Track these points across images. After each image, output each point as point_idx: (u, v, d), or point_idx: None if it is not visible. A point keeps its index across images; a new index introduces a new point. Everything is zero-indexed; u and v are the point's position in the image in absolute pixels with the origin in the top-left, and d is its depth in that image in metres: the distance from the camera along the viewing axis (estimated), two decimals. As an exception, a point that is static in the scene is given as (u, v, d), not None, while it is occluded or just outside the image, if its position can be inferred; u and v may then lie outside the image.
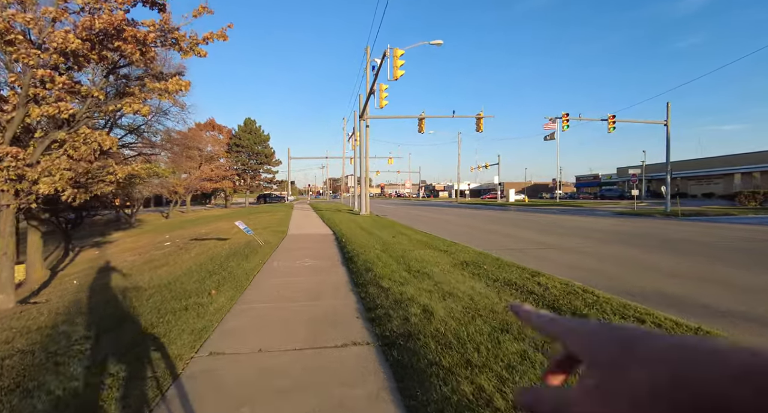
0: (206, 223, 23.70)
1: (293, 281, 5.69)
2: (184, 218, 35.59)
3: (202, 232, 17.04)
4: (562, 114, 22.49)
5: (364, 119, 21.21)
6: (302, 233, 12.50)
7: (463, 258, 6.91)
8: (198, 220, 29.11)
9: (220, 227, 18.36)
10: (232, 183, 44.97)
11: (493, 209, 30.61)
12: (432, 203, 55.39)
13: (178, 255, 10.05)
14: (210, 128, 45.78)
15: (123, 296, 5.33)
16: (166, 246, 14.42)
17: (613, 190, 54.17)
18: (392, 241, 9.41)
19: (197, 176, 40.42)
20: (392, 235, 10.82)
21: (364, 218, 18.75)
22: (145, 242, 19.13)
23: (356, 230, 12.33)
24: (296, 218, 20.04)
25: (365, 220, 17.21)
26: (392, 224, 14.76)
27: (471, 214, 24.25)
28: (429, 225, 16.00)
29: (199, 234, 16.30)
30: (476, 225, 16.03)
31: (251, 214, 24.73)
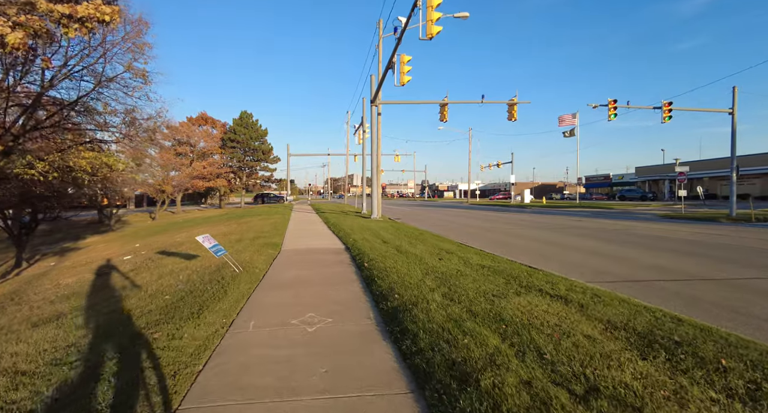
0: (190, 227, 20.35)
1: (280, 405, 2.29)
2: (171, 219, 32.21)
3: (177, 240, 13.67)
4: (609, 101, 19.07)
5: (376, 105, 17.80)
6: (303, 248, 9.10)
7: (621, 320, 3.51)
8: (184, 223, 25.74)
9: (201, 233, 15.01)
10: (227, 182, 41.56)
11: (515, 212, 27.19)
12: (440, 203, 51.97)
13: (106, 290, 6.63)
14: (202, 121, 42.40)
15: None
16: (124, 260, 11.04)
17: (634, 191, 50.79)
18: (444, 268, 6.00)
19: (188, 173, 37.03)
20: (434, 253, 7.42)
21: (378, 223, 15.35)
22: (112, 251, 15.74)
23: (377, 244, 8.94)
24: (295, 222, 16.64)
25: (382, 226, 13.81)
26: (420, 234, 11.35)
27: (497, 217, 20.84)
28: (463, 234, 12.60)
29: (173, 243, 12.93)
30: (521, 233, 12.64)
31: (243, 217, 21.36)
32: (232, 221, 19.00)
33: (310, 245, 9.65)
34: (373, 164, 18.07)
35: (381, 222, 15.93)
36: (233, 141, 40.31)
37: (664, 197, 50.97)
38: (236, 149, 40.65)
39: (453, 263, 6.36)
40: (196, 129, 41.01)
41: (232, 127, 40.76)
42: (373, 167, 18.07)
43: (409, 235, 10.88)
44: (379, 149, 18.10)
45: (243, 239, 10.56)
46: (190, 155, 39.92)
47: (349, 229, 12.57)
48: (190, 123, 42.28)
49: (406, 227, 13.99)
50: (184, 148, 38.88)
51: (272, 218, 18.74)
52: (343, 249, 8.91)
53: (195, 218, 29.02)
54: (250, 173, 42.90)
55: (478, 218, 20.10)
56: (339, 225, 14.04)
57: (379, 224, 14.94)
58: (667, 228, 13.92)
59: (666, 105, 18.71)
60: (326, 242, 10.02)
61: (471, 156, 48.24)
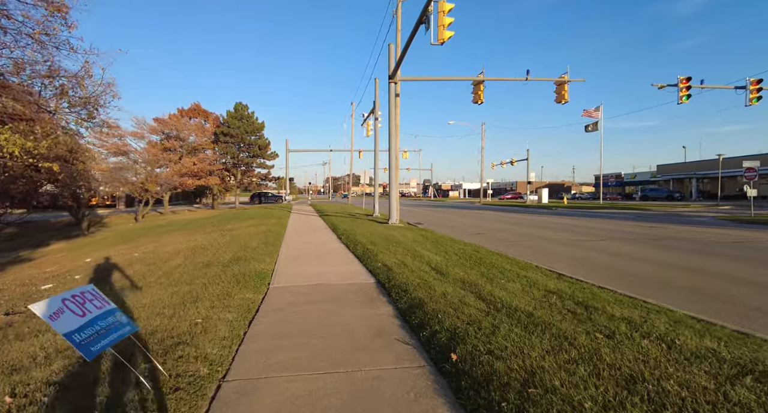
0: (170, 232, 16.81)
1: None
2: (155, 222, 28.63)
3: (136, 255, 10.12)
4: (680, 80, 15.49)
5: (394, 82, 14.22)
6: (306, 284, 5.50)
7: None
8: (166, 226, 22.16)
9: (171, 243, 11.44)
10: (220, 180, 37.93)
11: (546, 214, 23.62)
12: (449, 203, 48.41)
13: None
14: (195, 114, 38.78)
15: None
16: (42, 290, 7.47)
17: (658, 190, 47.24)
18: (623, 359, 2.44)
19: (176, 170, 33.43)
20: (545, 301, 3.87)
21: (401, 231, 11.79)
22: (60, 266, 12.17)
23: (428, 276, 5.39)
24: (294, 230, 13.09)
25: (410, 237, 10.24)
26: (474, 252, 7.76)
27: (536, 222, 17.28)
28: (523, 247, 9.03)
29: (125, 261, 9.38)
30: (597, 246, 9.06)
31: (232, 221, 17.79)
32: (216, 227, 15.43)
33: (319, 274, 6.07)
34: (390, 157, 14.48)
35: (404, 229, 12.36)
36: (226, 135, 36.68)
37: (691, 196, 47.44)
38: (230, 143, 37.01)
39: (628, 348, 2.80)
40: (187, 122, 37.39)
41: (226, 120, 37.13)
42: (391, 161, 14.49)
43: (461, 254, 7.31)
44: (396, 138, 14.52)
45: (214, 262, 6.98)
46: (180, 150, 36.30)
47: (369, 241, 9.00)
48: (180, 115, 38.67)
49: (442, 237, 10.41)
50: (172, 142, 35.27)
51: (266, 223, 15.17)
52: (374, 285, 5.34)
53: (179, 221, 25.44)
54: (246, 170, 39.27)
55: (515, 223, 16.52)
56: (352, 235, 10.47)
57: (404, 233, 11.37)
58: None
59: (754, 84, 15.12)
60: (343, 269, 6.44)
61: (483, 153, 44.66)
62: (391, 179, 14.52)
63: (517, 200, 67.54)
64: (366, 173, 26.01)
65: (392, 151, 14.43)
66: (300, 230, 13.01)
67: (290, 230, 12.68)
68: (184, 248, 9.60)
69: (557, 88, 15.63)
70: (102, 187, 31.05)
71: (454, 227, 14.92)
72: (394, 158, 14.47)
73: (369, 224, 13.98)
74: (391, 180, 14.53)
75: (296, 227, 13.85)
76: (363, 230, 11.96)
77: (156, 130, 36.49)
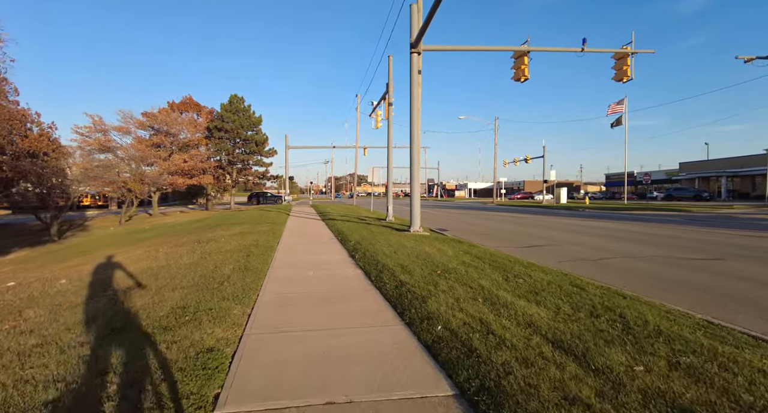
0: (142, 240, 13.88)
1: None
2: (140, 225, 25.68)
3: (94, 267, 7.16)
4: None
5: (417, 52, 11.20)
6: (306, 406, 2.45)
7: None
8: (147, 231, 19.23)
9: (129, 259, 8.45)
10: (214, 178, 34.97)
11: (577, 216, 20.55)
12: (460, 204, 45.40)
13: None
14: (186, 107, 35.83)
15: None
16: None
17: (685, 189, 44.00)
18: None
19: (164, 168, 30.49)
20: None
21: (433, 244, 8.75)
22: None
23: (579, 387, 2.35)
24: (291, 242, 10.09)
25: (450, 255, 7.22)
26: (579, 289, 4.72)
27: (581, 227, 14.24)
28: (619, 271, 5.99)
29: (78, 277, 6.42)
30: (723, 269, 6.05)
31: (216, 227, 14.80)
32: (195, 235, 12.45)
33: (327, 359, 3.03)
34: (412, 148, 11.45)
35: (433, 241, 9.33)
36: (221, 130, 33.71)
37: (719, 196, 44.24)
38: (224, 139, 34.03)
39: None
40: (178, 116, 34.44)
41: (220, 113, 34.15)
42: (413, 153, 11.46)
43: (567, 296, 4.27)
44: (418, 125, 11.50)
45: (138, 320, 3.94)
46: (170, 146, 33.36)
47: (398, 265, 6.01)
48: (170, 109, 35.73)
49: (497, 256, 7.36)
50: (160, 137, 32.33)
51: (257, 230, 12.17)
52: (458, 409, 2.31)
53: (163, 225, 22.49)
54: (242, 168, 36.30)
55: (562, 229, 13.45)
56: (371, 251, 7.48)
57: (438, 247, 8.34)
58: None
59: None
60: (371, 344, 3.40)
61: (497, 149, 41.58)
62: (413, 175, 11.49)
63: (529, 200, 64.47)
64: (373, 171, 22.97)
65: (414, 140, 11.40)
66: (297, 242, 9.99)
67: (285, 243, 9.66)
68: (125, 273, 6.60)
69: (617, 63, 12.58)
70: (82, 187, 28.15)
71: (492, 236, 11.88)
72: (416, 150, 11.44)
73: (386, 233, 10.96)
74: (413, 177, 11.49)
75: (293, 238, 10.84)
76: (382, 242, 8.94)
77: (144, 125, 33.59)
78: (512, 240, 10.83)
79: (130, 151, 30.27)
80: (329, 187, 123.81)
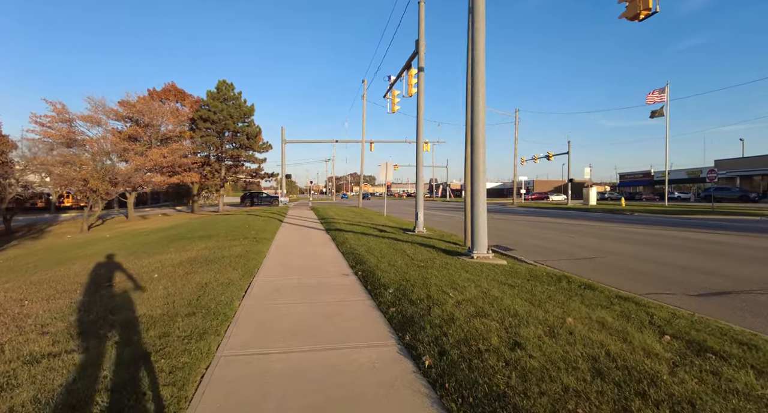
0: (65, 262, 9.45)
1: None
2: (101, 233, 21.26)
3: None
4: None
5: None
6: None
7: None
8: (95, 244, 14.82)
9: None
10: (200, 176, 30.51)
11: (638, 222, 16.14)
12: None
13: None
14: (168, 95, 31.39)
15: None
16: None
17: (728, 189, 39.51)
18: None
19: (139, 163, 26.05)
20: None
21: (536, 287, 4.33)
22: None
23: None
24: (269, 289, 5.65)
25: (643, 339, 2.75)
26: None
27: (683, 241, 9.85)
28: None
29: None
30: None
31: (179, 240, 10.39)
32: (131, 259, 8.02)
33: None
34: (476, 123, 7.02)
35: (537, 283, 4.90)
36: (207, 121, 29.25)
37: (766, 196, 39.74)
38: (211, 131, 29.58)
39: None
40: (158, 106, 29.96)
41: (206, 101, 29.71)
42: (476, 124, 7.02)
43: None
44: (482, 82, 7.06)
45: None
46: (148, 140, 28.93)
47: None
48: (151, 97, 31.27)
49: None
50: (136, 129, 27.91)
51: (222, 255, 7.74)
52: None
53: (126, 234, 18.11)
54: (233, 165, 31.84)
55: (660, 244, 9.02)
56: (452, 332, 3.03)
57: (569, 306, 3.92)
58: None
59: None
60: None
61: (517, 144, 37.30)
62: (475, 164, 7.03)
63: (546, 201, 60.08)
64: (387, 166, 18.59)
65: (477, 106, 6.98)
66: (284, 285, 5.54)
67: (260, 290, 5.23)
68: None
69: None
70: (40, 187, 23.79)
71: (588, 260, 7.47)
72: (480, 127, 7.01)
73: (434, 260, 6.54)
74: (475, 167, 7.04)
75: (277, 271, 6.40)
76: (446, 288, 4.54)
77: (121, 115, 29.16)
78: (623, 267, 6.41)
79: (101, 144, 25.84)
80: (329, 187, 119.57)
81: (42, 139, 24.97)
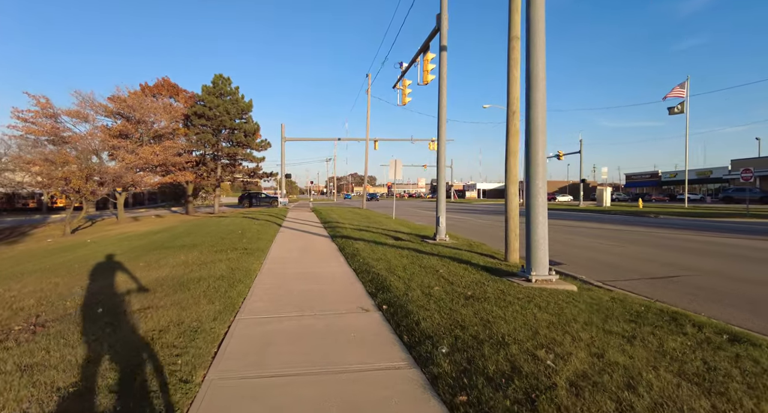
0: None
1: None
2: (83, 237, 19.60)
3: None
4: None
5: None
6: None
7: None
8: (68, 251, 13.14)
9: None
10: (195, 176, 28.84)
11: (662, 226, 14.46)
12: (483, 207, 39.45)
13: None
14: (161, 90, 29.74)
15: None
16: None
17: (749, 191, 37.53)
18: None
19: (129, 161, 24.40)
20: None
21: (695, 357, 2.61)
22: None
23: None
24: (257, 332, 3.93)
25: None
26: None
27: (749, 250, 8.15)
28: None
29: None
30: None
31: (158, 250, 8.72)
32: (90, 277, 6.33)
33: None
34: (534, 101, 5.35)
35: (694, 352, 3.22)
36: (202, 117, 27.57)
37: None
38: (206, 128, 27.91)
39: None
40: (150, 101, 28.30)
41: (202, 96, 28.03)
42: (535, 114, 5.35)
43: None
44: (541, 48, 5.37)
45: None
46: (139, 137, 27.27)
47: None
48: (143, 93, 29.62)
49: None
50: (125, 125, 26.26)
51: (206, 276, 6.07)
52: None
53: (107, 240, 16.46)
54: (230, 163, 30.17)
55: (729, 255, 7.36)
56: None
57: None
58: None
59: None
60: None
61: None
62: (533, 156, 5.37)
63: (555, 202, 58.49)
64: (396, 164, 16.93)
65: (537, 82, 5.32)
66: (276, 335, 3.88)
67: (236, 352, 3.56)
68: None
69: None
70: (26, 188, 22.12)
71: (668, 280, 5.79)
72: (540, 105, 5.35)
73: (487, 285, 4.87)
74: (533, 159, 5.37)
75: (270, 303, 4.73)
76: (553, 361, 2.84)
77: (111, 111, 27.51)
78: (736, 295, 4.73)
79: (87, 141, 24.17)
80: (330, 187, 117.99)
81: (24, 135, 23.39)
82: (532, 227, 5.33)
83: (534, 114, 5.37)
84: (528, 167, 5.51)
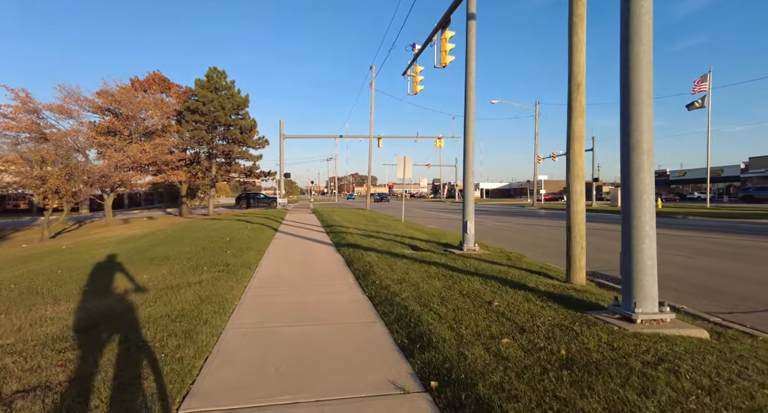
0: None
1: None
2: (61, 242, 17.95)
3: None
4: None
5: None
6: None
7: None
8: (35, 258, 11.48)
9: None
10: (188, 175, 27.17)
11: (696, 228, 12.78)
12: (493, 208, 37.85)
13: None
14: (153, 85, 28.08)
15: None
16: None
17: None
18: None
19: (116, 160, 22.73)
20: None
21: None
22: None
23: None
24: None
25: None
26: None
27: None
28: None
29: None
30: None
31: (118, 266, 7.06)
32: (15, 308, 4.64)
33: None
34: (636, 79, 3.67)
35: None
36: (195, 113, 25.91)
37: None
38: (200, 125, 26.23)
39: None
40: (141, 96, 26.64)
41: (196, 91, 26.37)
42: (634, 35, 3.67)
43: None
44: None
45: None
46: (128, 134, 25.61)
47: None
48: (134, 88, 27.95)
49: None
50: (113, 122, 24.59)
51: (163, 314, 4.43)
52: None
53: (86, 245, 14.84)
54: (225, 162, 28.50)
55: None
56: None
57: None
58: None
59: None
60: None
61: (537, 139, 34.07)
62: (637, 139, 3.73)
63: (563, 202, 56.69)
64: (405, 161, 15.27)
65: (642, 15, 3.63)
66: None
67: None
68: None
69: None
70: None
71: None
72: (644, 59, 3.66)
73: (581, 333, 3.18)
74: (637, 144, 3.74)
75: (246, 376, 3.05)
76: None
77: (100, 107, 25.86)
78: None
79: (70, 138, 22.52)
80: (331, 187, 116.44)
81: (2, 132, 21.76)
82: (634, 243, 3.66)
83: (636, 74, 3.69)
84: (628, 154, 3.84)
